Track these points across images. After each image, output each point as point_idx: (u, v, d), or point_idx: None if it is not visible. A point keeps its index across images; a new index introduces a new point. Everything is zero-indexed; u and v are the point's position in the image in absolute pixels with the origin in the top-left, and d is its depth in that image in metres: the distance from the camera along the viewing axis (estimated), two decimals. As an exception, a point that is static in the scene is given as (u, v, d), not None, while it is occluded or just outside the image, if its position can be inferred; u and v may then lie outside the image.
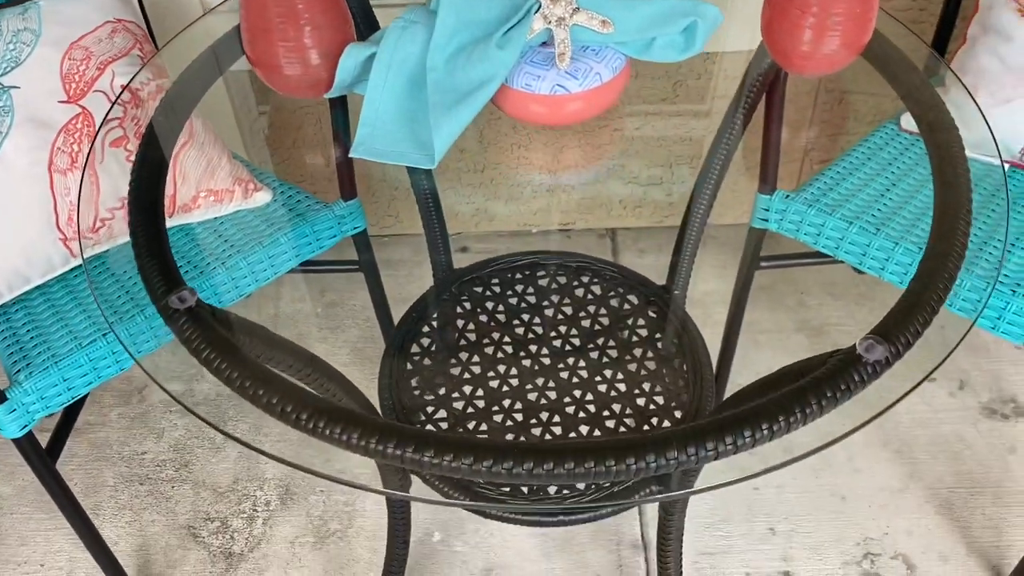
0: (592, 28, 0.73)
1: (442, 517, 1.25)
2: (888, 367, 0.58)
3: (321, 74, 0.75)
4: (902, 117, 1.15)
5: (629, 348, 1.02)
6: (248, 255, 1.04)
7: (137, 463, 1.35)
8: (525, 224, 1.69)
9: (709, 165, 1.03)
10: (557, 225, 1.70)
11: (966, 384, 1.39)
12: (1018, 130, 1.04)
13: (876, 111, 1.46)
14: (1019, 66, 1.02)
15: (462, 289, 1.09)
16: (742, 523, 1.23)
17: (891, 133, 1.14)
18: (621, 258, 1.64)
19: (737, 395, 0.68)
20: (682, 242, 1.10)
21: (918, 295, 0.61)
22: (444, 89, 0.70)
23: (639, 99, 1.49)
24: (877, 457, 1.30)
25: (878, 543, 1.21)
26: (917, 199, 1.05)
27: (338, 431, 0.56)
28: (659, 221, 1.67)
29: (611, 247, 1.66)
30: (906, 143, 1.12)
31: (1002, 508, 1.24)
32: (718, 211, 1.67)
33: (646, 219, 1.67)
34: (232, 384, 0.59)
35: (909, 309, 0.60)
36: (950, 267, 0.62)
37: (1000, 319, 0.94)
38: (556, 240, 1.69)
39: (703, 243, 1.66)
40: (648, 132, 1.52)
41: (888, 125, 1.15)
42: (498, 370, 1.00)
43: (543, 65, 0.74)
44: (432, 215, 1.10)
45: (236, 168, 1.09)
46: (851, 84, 1.47)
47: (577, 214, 1.68)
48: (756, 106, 0.98)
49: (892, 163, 1.09)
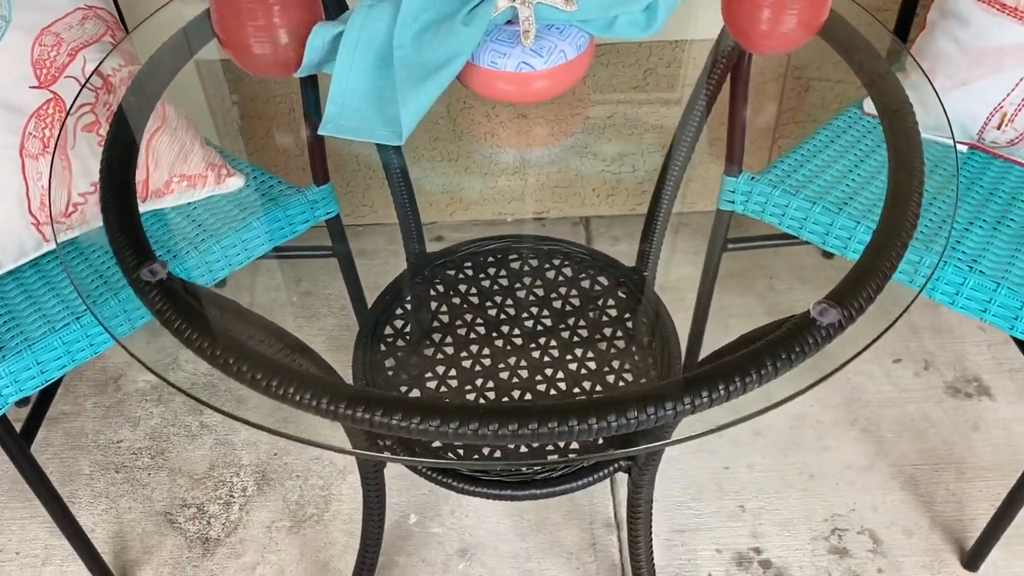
0: (556, 6, 0.75)
1: (418, 500, 1.27)
2: (841, 330, 0.60)
3: (290, 54, 0.76)
4: (864, 101, 1.17)
5: (599, 328, 1.04)
6: (221, 239, 1.04)
7: (113, 451, 1.35)
8: (500, 213, 1.71)
9: (676, 147, 1.05)
10: (531, 214, 1.71)
11: (931, 365, 1.42)
12: (975, 112, 1.06)
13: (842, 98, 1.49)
14: (975, 50, 1.05)
15: (435, 273, 1.11)
16: (713, 501, 1.26)
17: (854, 117, 1.16)
18: (595, 246, 1.66)
19: (700, 362, 0.70)
20: (651, 224, 1.12)
21: (871, 263, 0.63)
22: (411, 66, 0.72)
23: (610, 87, 1.51)
24: (845, 436, 1.33)
25: (845, 519, 1.23)
26: (878, 179, 1.07)
27: (308, 396, 0.57)
28: (632, 209, 1.69)
29: (585, 235, 1.68)
30: (868, 126, 1.15)
31: (965, 483, 1.27)
32: (691, 198, 1.70)
33: (619, 207, 1.69)
34: (203, 354, 0.60)
35: (862, 276, 0.62)
36: (902, 236, 0.64)
37: (958, 295, 0.97)
38: (531, 228, 1.70)
39: (676, 230, 1.69)
40: (619, 120, 1.55)
41: (851, 109, 1.18)
42: (471, 350, 1.01)
43: (508, 43, 0.75)
44: (404, 198, 1.12)
45: (209, 154, 1.10)
46: (817, 72, 1.50)
47: (551, 203, 1.70)
48: (720, 88, 1.00)
49: (854, 145, 1.12)
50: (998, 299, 0.95)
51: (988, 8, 1.03)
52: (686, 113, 1.04)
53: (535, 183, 1.68)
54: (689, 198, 1.66)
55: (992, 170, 1.11)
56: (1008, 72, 1.03)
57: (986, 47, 1.04)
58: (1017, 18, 1.02)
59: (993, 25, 1.03)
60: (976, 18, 1.04)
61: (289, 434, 0.63)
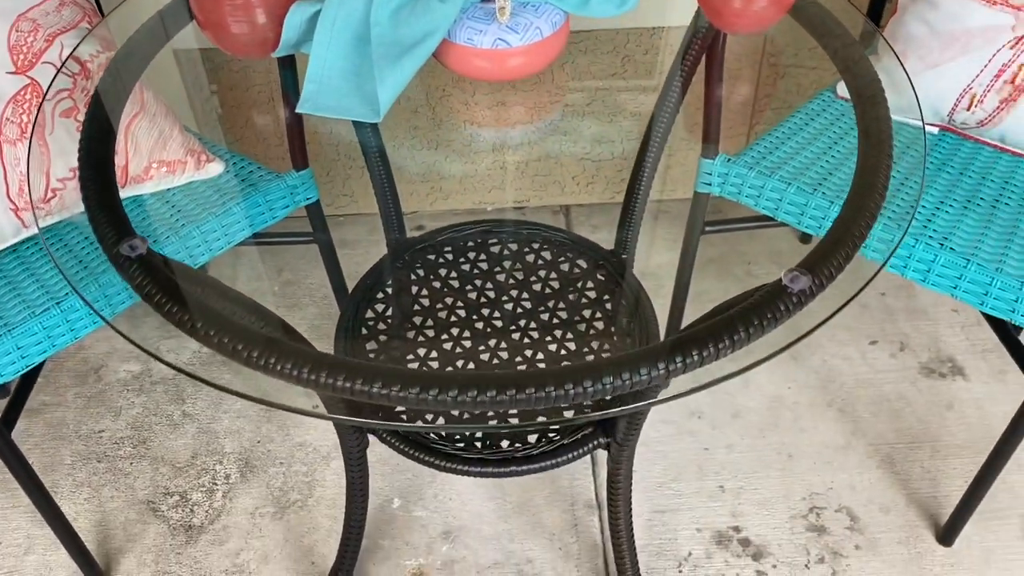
0: (531, -16, 0.76)
1: (401, 484, 1.27)
2: (812, 298, 0.62)
3: (268, 33, 0.76)
4: (838, 85, 1.19)
5: (579, 309, 1.05)
6: (201, 225, 1.05)
7: (95, 441, 1.35)
8: (480, 202, 1.72)
9: (652, 132, 1.06)
10: (512, 203, 1.72)
11: (906, 346, 1.44)
12: (945, 93, 1.08)
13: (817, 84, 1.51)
14: (946, 32, 1.07)
15: (415, 257, 1.11)
16: (693, 481, 1.27)
17: (828, 100, 1.18)
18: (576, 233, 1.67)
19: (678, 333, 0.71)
20: (628, 209, 1.13)
21: (841, 233, 0.65)
22: (388, 43, 0.72)
23: (588, 74, 1.52)
24: (822, 416, 1.35)
25: (823, 497, 1.25)
26: (851, 161, 1.09)
27: (288, 366, 0.58)
28: (611, 197, 1.70)
29: (565, 223, 1.69)
30: (842, 109, 1.16)
31: (939, 461, 1.29)
32: (671, 185, 1.71)
33: (598, 195, 1.70)
34: (184, 326, 0.61)
35: (832, 245, 0.63)
36: (871, 207, 0.66)
37: (929, 272, 0.99)
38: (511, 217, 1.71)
39: (656, 216, 1.70)
40: (598, 107, 1.56)
41: (825, 92, 1.19)
42: (451, 333, 1.02)
43: (484, 20, 0.76)
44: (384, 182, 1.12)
45: (188, 140, 1.10)
46: (792, 59, 1.52)
47: (531, 191, 1.71)
48: (695, 70, 1.01)
49: (828, 128, 1.14)
50: (968, 275, 0.96)
51: (957, -9, 1.05)
52: (662, 96, 1.05)
53: (515, 172, 1.69)
54: (669, 185, 1.67)
55: (963, 151, 1.13)
56: (976, 54, 1.05)
57: (955, 30, 1.06)
58: (985, 1, 1.04)
59: (961, 8, 1.05)
60: (945, 1, 1.06)
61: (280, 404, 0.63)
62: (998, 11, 1.03)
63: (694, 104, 1.17)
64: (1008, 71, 1.04)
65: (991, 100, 1.06)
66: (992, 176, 1.09)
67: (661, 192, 1.69)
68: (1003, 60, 1.04)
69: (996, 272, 0.95)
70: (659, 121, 1.04)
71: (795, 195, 1.04)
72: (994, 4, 1.03)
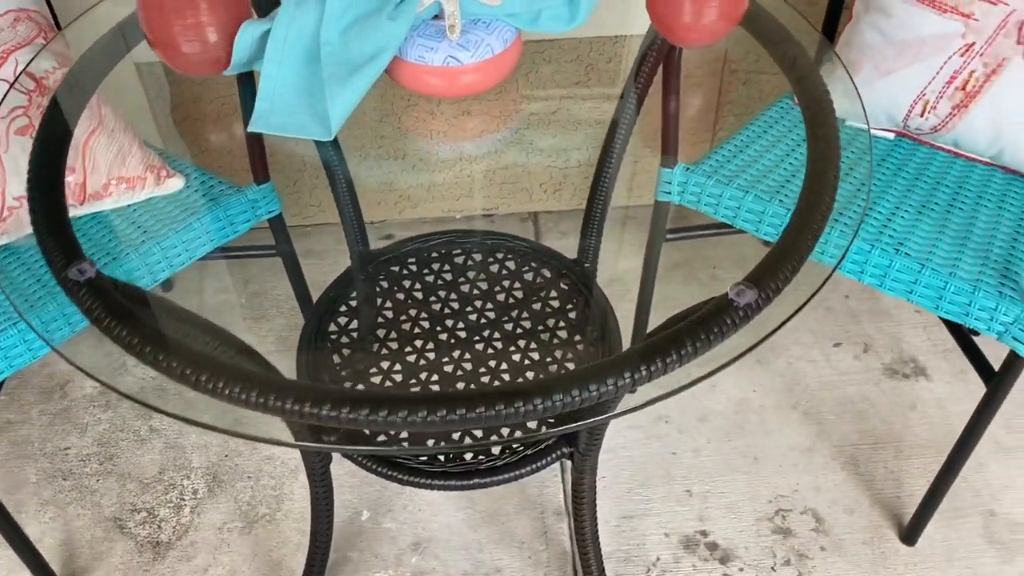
0: (481, 1, 0.76)
1: (370, 496, 1.27)
2: (759, 311, 0.62)
3: (219, 52, 0.76)
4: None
5: (542, 319, 1.06)
6: (161, 241, 1.04)
7: (60, 459, 1.33)
8: (448, 210, 1.72)
9: (611, 140, 1.07)
10: (480, 210, 1.73)
11: (870, 347, 1.46)
12: (900, 100, 1.10)
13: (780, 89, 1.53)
14: (899, 40, 1.09)
15: (379, 269, 1.11)
16: (660, 486, 1.28)
17: (786, 107, 1.19)
18: (543, 240, 1.67)
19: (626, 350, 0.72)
20: (590, 217, 1.14)
21: (787, 246, 0.65)
22: (338, 61, 0.73)
23: (552, 83, 1.53)
24: (787, 419, 1.36)
25: (788, 500, 1.27)
26: (809, 168, 1.10)
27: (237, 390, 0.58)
28: (579, 204, 1.71)
29: (533, 230, 1.69)
30: (799, 117, 1.18)
31: (903, 461, 1.31)
32: (637, 191, 1.72)
33: (566, 202, 1.71)
34: (132, 351, 0.61)
35: (778, 258, 0.64)
36: (817, 219, 0.67)
37: (886, 276, 1.00)
38: (480, 225, 1.72)
39: (623, 223, 1.72)
40: (563, 116, 1.57)
41: (783, 100, 1.21)
42: (415, 345, 1.02)
43: (435, 37, 0.77)
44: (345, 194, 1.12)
45: (147, 155, 1.09)
46: (754, 65, 1.54)
47: (499, 199, 1.71)
48: (651, 81, 1.02)
49: (786, 135, 1.15)
50: (923, 280, 0.98)
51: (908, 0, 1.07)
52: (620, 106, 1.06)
53: (483, 180, 1.69)
54: (636, 191, 1.69)
55: (918, 156, 1.15)
56: (928, 61, 1.07)
57: (908, 37, 1.08)
58: (936, 9, 1.05)
59: (914, 16, 1.07)
60: (897, 9, 1.08)
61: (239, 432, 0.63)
62: (948, 19, 1.05)
63: (658, 111, 1.18)
64: (959, 78, 1.06)
65: (943, 106, 1.08)
66: (946, 181, 1.11)
67: (628, 198, 1.70)
68: (954, 67, 1.06)
69: (950, 276, 0.97)
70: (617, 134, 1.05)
71: (753, 203, 1.05)
72: (944, 12, 1.05)
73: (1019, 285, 0.96)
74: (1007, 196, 1.09)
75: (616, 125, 1.07)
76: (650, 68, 1.01)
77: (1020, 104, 1.04)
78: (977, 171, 1.13)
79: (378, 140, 1.55)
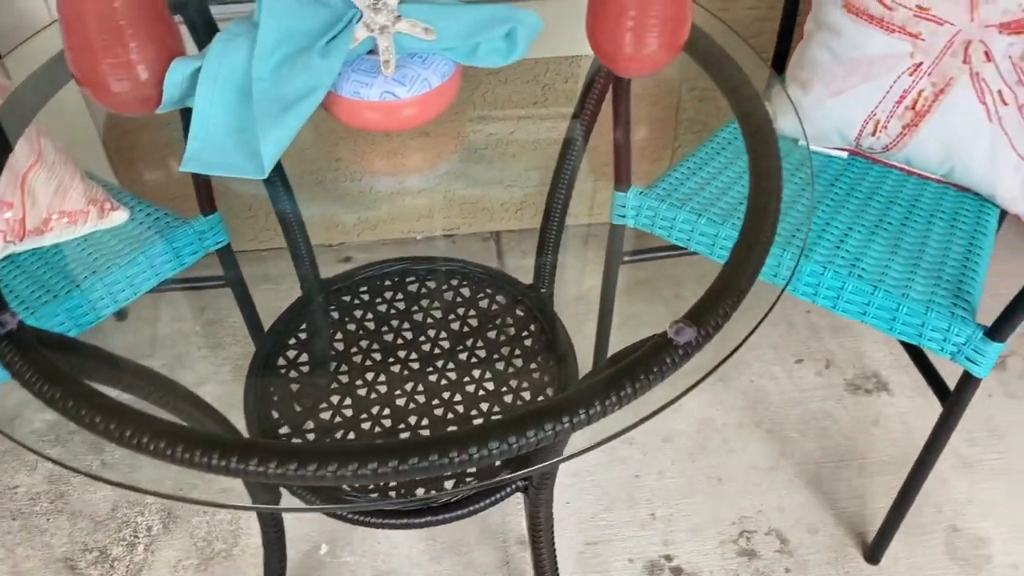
0: (416, 35, 0.75)
1: (328, 529, 1.25)
2: (699, 349, 0.61)
3: (150, 90, 0.74)
4: (749, 112, 1.20)
5: (497, 347, 1.04)
6: (105, 276, 1.02)
7: (9, 498, 1.30)
8: (409, 231, 1.70)
9: (562, 163, 1.06)
10: (441, 231, 1.71)
11: (832, 363, 1.46)
12: (851, 119, 1.10)
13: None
14: (848, 59, 1.09)
15: (330, 299, 1.09)
16: (624, 511, 1.27)
17: (738, 128, 1.19)
18: (505, 260, 1.66)
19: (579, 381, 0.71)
20: (545, 239, 1.13)
21: (726, 282, 0.64)
22: (270, 98, 0.71)
23: (510, 103, 1.52)
24: (750, 438, 1.36)
25: (753, 520, 1.26)
26: (762, 189, 1.10)
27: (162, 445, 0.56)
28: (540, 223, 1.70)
29: (495, 250, 1.68)
30: (753, 136, 1.17)
31: (866, 478, 1.30)
32: (598, 210, 1.71)
33: (528, 221, 1.70)
34: (55, 405, 0.58)
35: (717, 295, 0.63)
36: (757, 255, 0.66)
37: (839, 298, 1.00)
38: (441, 245, 1.70)
39: (586, 241, 1.71)
40: (521, 135, 1.55)
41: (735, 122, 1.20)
42: (366, 378, 1.00)
43: (371, 72, 0.75)
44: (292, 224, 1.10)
45: (90, 188, 1.07)
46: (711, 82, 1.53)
47: (460, 219, 1.70)
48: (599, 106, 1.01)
49: (739, 156, 1.15)
50: (875, 301, 0.98)
51: (857, 19, 1.07)
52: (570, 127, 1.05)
53: (443, 200, 1.68)
54: (596, 210, 1.68)
55: (872, 175, 1.15)
56: (878, 80, 1.07)
57: (858, 56, 1.08)
58: (884, 28, 1.05)
59: (862, 35, 1.07)
60: (847, 29, 1.08)
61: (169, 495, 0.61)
62: (896, 39, 1.05)
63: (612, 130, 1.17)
64: (908, 97, 1.06)
65: (894, 125, 1.08)
66: (900, 199, 1.11)
67: (590, 216, 1.69)
68: (903, 87, 1.06)
69: (902, 298, 0.96)
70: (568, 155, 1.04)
71: (706, 226, 1.05)
72: (892, 32, 1.05)
73: (971, 305, 0.96)
74: (959, 213, 1.09)
75: (568, 147, 1.06)
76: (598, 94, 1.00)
77: (968, 123, 1.04)
78: (930, 188, 1.13)
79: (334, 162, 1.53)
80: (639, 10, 0.75)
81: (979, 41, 1.02)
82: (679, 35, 0.77)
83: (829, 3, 1.10)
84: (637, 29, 0.75)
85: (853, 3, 1.07)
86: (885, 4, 1.05)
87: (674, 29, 0.76)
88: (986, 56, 1.02)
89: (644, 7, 0.74)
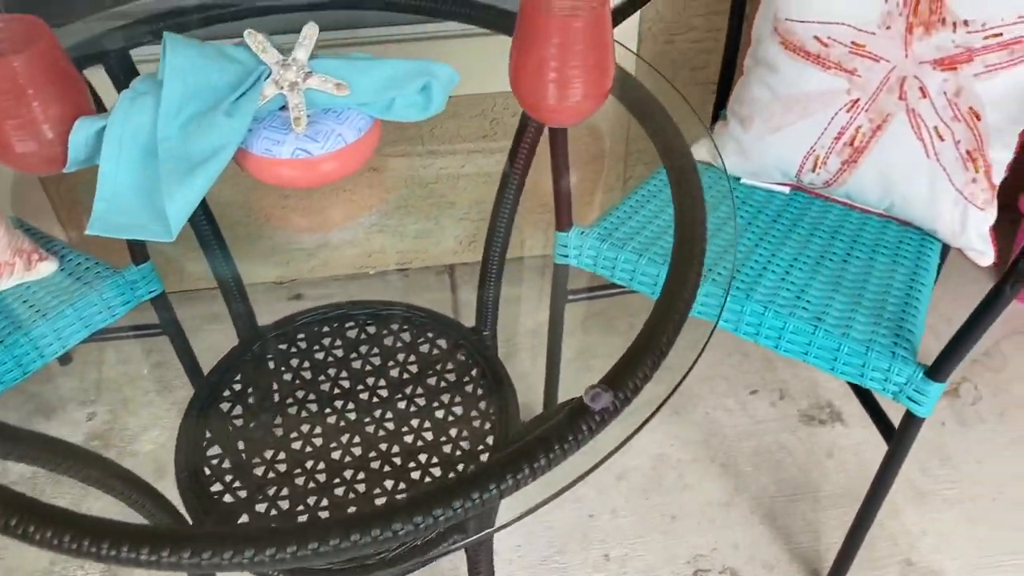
0: (327, 91, 0.73)
1: (274, 579, 1.22)
2: (616, 414, 0.60)
3: (56, 149, 0.72)
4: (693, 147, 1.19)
5: (437, 395, 1.02)
6: (30, 331, 0.99)
7: (-57, 555, 1.26)
8: (362, 267, 1.68)
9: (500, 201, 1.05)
10: (394, 265, 1.69)
11: (786, 393, 1.45)
12: (791, 156, 1.09)
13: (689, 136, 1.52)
14: (786, 96, 1.08)
15: (267, 347, 1.07)
16: (578, 553, 1.25)
17: (682, 163, 1.18)
18: (459, 293, 1.64)
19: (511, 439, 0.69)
20: (485, 277, 1.11)
21: (645, 344, 0.63)
22: (177, 158, 0.69)
23: (459, 138, 1.50)
24: (705, 473, 1.34)
25: (707, 559, 1.24)
26: (704, 227, 1.09)
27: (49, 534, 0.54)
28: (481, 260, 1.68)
29: (450, 283, 1.66)
30: (695, 172, 1.17)
31: (820, 512, 1.29)
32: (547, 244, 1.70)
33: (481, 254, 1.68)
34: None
35: (634, 358, 0.62)
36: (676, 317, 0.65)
37: (780, 339, 0.99)
38: (394, 280, 1.68)
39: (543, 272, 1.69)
40: (471, 169, 1.54)
41: (680, 155, 1.19)
42: (301, 430, 0.98)
43: (282, 129, 0.73)
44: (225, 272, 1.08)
45: (16, 238, 1.04)
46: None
47: (414, 253, 1.68)
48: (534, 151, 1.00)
49: (681, 193, 1.14)
50: (816, 341, 0.97)
51: (794, 56, 1.07)
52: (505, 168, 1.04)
53: (396, 234, 1.66)
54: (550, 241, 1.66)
55: (814, 209, 1.14)
56: (816, 117, 1.06)
57: (795, 93, 1.07)
58: (820, 65, 1.05)
59: (799, 72, 1.06)
60: (784, 65, 1.08)
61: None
62: (833, 75, 1.05)
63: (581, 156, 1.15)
64: (847, 133, 1.05)
65: (833, 162, 1.07)
66: (842, 233, 1.10)
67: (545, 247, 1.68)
68: (841, 123, 1.05)
69: (843, 337, 0.95)
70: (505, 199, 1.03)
71: (647, 266, 1.04)
72: (828, 68, 1.05)
73: (912, 344, 0.95)
74: (901, 247, 1.09)
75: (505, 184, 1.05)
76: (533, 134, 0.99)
77: (906, 158, 1.04)
78: (872, 222, 1.12)
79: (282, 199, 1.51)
80: (560, 60, 0.73)
81: (914, 77, 1.01)
82: (602, 84, 0.76)
83: (767, 40, 1.10)
84: (559, 80, 0.74)
85: (790, 40, 1.06)
86: (821, 41, 1.04)
87: (597, 79, 0.75)
88: (921, 92, 1.01)
89: (564, 58, 0.73)
